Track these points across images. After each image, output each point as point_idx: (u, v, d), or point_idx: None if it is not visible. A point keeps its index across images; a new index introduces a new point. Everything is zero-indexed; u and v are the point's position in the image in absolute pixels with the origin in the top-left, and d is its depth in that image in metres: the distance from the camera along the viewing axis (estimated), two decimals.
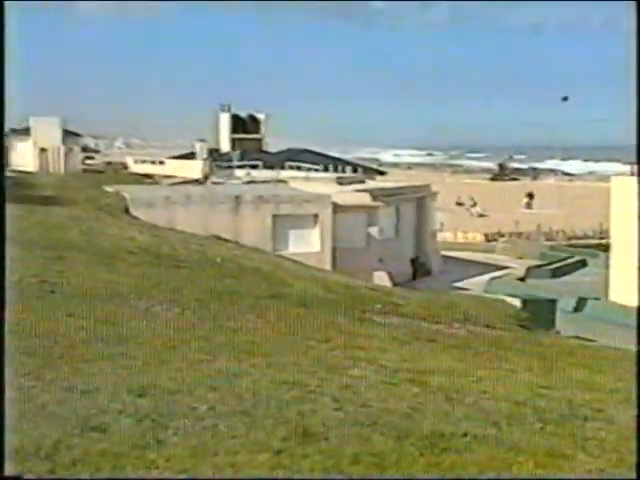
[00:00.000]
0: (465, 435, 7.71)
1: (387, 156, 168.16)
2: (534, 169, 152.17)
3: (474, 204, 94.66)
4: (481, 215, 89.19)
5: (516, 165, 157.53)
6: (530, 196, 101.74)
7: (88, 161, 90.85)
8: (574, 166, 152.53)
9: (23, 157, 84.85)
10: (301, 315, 15.64)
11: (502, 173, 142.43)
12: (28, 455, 6.12)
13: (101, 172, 77.28)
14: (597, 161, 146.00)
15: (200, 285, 18.56)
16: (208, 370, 9.32)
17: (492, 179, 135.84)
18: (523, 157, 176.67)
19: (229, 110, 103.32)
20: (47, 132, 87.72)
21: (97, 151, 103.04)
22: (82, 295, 14.49)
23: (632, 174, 43.44)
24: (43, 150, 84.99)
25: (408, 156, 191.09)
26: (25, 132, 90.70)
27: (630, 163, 45.31)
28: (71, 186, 49.73)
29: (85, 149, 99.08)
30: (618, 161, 57.81)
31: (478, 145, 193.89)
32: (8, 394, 6.00)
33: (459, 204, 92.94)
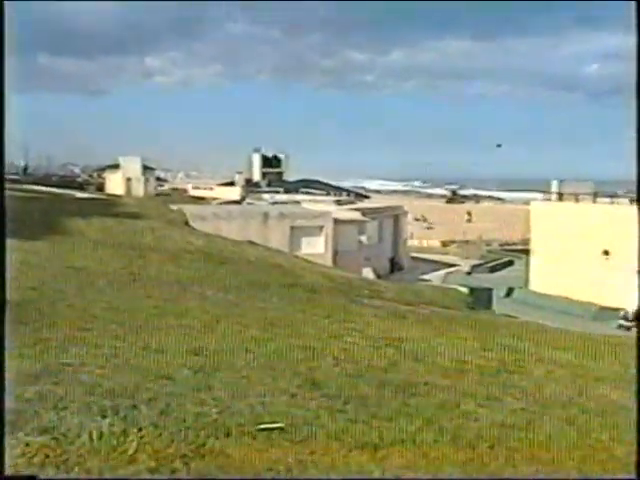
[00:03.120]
0: (426, 384, 7.75)
1: (372, 184, 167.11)
2: (476, 195, 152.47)
3: (424, 220, 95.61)
4: (429, 228, 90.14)
5: (464, 192, 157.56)
6: (469, 214, 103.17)
7: (160, 187, 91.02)
8: (505, 194, 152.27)
9: (115, 185, 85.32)
10: (310, 298, 15.70)
11: (453, 198, 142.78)
12: (118, 394, 6.17)
13: (168, 195, 77.37)
14: (521, 191, 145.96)
15: (238, 276, 18.60)
16: (243, 337, 9.35)
17: (447, 202, 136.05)
18: (468, 187, 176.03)
19: (259, 151, 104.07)
20: (131, 167, 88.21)
21: (166, 180, 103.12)
22: (155, 282, 14.55)
23: (546, 200, 44.35)
24: (128, 180, 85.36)
25: (387, 184, 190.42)
26: (116, 167, 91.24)
27: (542, 192, 46.30)
28: (147, 205, 49.76)
29: (158, 179, 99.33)
30: (536, 191, 58.14)
31: (437, 178, 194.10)
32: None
33: (417, 219, 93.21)
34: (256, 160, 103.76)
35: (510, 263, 52.26)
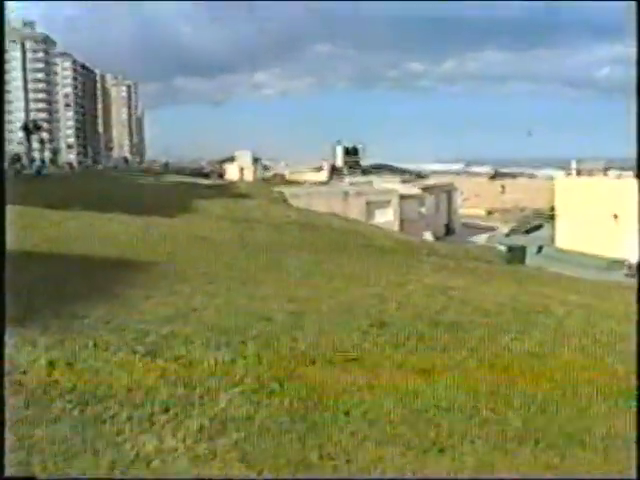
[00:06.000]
0: (471, 322, 7.62)
1: (430, 166, 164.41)
2: (513, 173, 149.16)
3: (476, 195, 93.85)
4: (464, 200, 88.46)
5: (503, 170, 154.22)
6: (502, 187, 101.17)
7: (265, 174, 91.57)
8: (535, 171, 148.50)
9: (231, 173, 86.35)
10: (380, 256, 15.63)
11: (495, 175, 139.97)
12: (230, 332, 6.23)
13: (272, 179, 77.75)
14: (547, 167, 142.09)
15: (325, 240, 18.62)
16: (327, 288, 9.33)
17: (490, 179, 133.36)
18: (508, 166, 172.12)
19: (341, 143, 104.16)
20: (243, 158, 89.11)
21: (270, 168, 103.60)
22: (261, 247, 14.66)
23: (567, 175, 44.01)
24: (241, 168, 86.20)
25: (442, 166, 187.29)
26: (232, 159, 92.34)
27: (564, 169, 45.88)
28: (256, 188, 50.24)
29: (264, 167, 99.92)
30: (559, 168, 56.91)
31: (482, 159, 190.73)
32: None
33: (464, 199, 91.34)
34: (339, 150, 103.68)
35: (540, 226, 51.26)
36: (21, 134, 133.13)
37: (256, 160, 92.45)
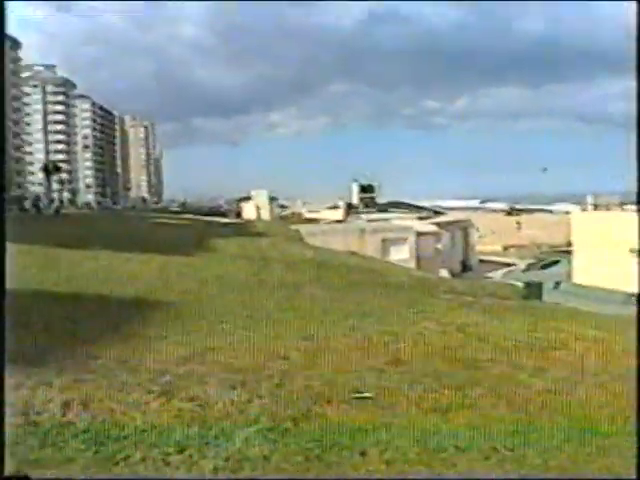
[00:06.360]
0: (488, 360, 7.54)
1: (446, 203, 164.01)
2: (529, 209, 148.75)
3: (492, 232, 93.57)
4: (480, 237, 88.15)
5: (519, 207, 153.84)
6: (518, 223, 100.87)
7: (282, 212, 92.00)
8: (551, 207, 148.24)
9: (248, 211, 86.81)
10: (396, 294, 15.52)
11: (511, 212, 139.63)
12: (245, 371, 6.20)
13: (288, 218, 78.10)
14: (563, 202, 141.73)
15: (340, 278, 18.52)
16: (343, 326, 9.27)
17: (506, 214, 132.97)
18: (524, 202, 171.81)
19: (357, 181, 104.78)
20: (260, 198, 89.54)
21: (286, 207, 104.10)
22: (276, 285, 14.63)
23: (583, 210, 43.97)
24: (258, 207, 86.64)
25: (458, 202, 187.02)
26: (249, 198, 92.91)
27: (579, 204, 45.85)
28: (272, 226, 50.44)
29: (281, 206, 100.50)
30: (577, 204, 56.95)
31: (498, 196, 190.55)
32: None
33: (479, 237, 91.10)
34: (355, 188, 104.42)
35: (557, 262, 50.93)
36: (41, 175, 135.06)
37: (272, 199, 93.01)
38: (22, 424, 4.67)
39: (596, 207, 43.26)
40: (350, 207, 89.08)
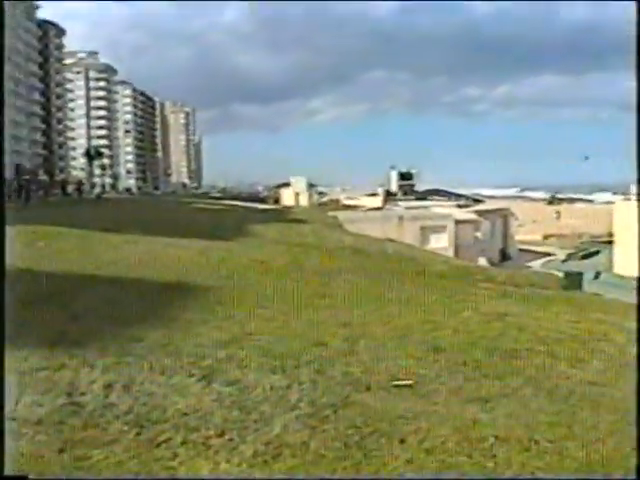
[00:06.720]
0: (528, 350, 7.46)
1: (486, 191, 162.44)
2: (571, 198, 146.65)
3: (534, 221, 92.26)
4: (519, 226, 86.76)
5: (560, 196, 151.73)
6: (557, 212, 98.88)
7: (320, 199, 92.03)
8: (592, 196, 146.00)
9: (287, 198, 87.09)
10: (435, 282, 15.40)
11: (552, 201, 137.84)
12: (284, 357, 6.22)
13: (327, 204, 78.07)
14: (605, 192, 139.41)
15: (379, 266, 18.48)
16: (381, 313, 9.24)
17: (547, 204, 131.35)
18: (565, 192, 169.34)
19: (396, 169, 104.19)
20: (299, 184, 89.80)
21: (325, 193, 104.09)
22: (315, 272, 14.65)
23: (626, 199, 43.28)
24: (297, 194, 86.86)
25: (498, 191, 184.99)
26: (287, 185, 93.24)
27: (623, 194, 45.06)
28: (311, 213, 50.55)
29: (319, 193, 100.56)
30: (620, 194, 55.97)
31: (539, 184, 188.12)
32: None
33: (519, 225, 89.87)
34: (393, 175, 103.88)
35: (597, 252, 50.10)
36: (83, 160, 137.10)
37: (311, 185, 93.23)
38: (66, 404, 4.74)
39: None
40: (389, 194, 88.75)
